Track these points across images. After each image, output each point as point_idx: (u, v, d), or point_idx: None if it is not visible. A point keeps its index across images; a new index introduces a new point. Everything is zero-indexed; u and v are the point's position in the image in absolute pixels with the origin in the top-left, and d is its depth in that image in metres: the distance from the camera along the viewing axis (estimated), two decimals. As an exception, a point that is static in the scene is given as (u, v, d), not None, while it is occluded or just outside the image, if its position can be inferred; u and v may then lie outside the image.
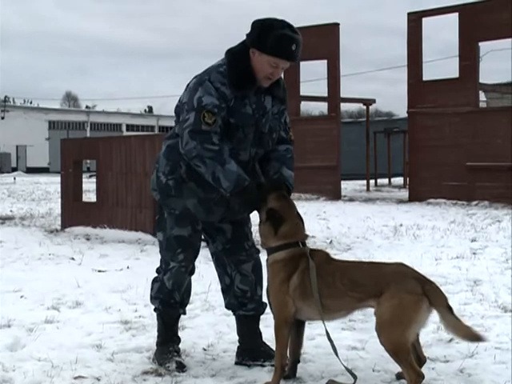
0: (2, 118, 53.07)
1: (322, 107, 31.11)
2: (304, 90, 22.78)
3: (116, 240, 9.71)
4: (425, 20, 19.39)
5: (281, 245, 3.67)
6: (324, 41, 20.58)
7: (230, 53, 3.89)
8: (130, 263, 7.76)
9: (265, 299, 3.98)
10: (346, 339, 4.50)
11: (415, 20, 19.34)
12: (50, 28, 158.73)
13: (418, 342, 3.59)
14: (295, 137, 4.26)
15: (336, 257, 3.61)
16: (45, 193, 22.18)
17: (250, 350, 4.10)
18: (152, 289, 4.16)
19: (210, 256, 4.24)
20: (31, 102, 62.75)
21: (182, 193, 3.93)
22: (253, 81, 3.83)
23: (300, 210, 3.87)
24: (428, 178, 18.65)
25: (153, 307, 4.21)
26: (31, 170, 49.22)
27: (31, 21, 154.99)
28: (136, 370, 3.95)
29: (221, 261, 4.17)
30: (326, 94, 21.65)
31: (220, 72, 3.83)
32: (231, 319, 4.92)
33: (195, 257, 4.10)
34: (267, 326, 4.20)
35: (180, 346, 4.21)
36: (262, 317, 4.20)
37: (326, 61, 21.01)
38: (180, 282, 4.07)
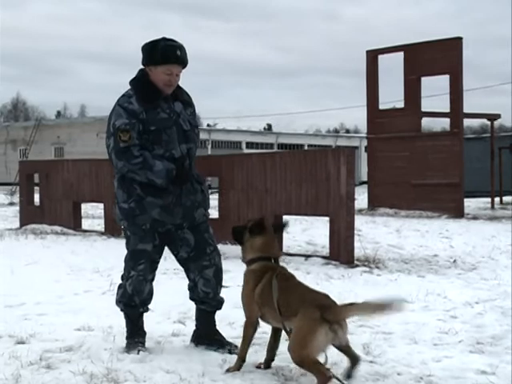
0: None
1: (444, 123, 30.39)
2: (425, 106, 22.37)
3: (238, 256, 9.83)
4: (554, 31, 18.62)
5: (255, 257, 4.29)
6: (446, 55, 20.17)
7: (132, 80, 4.71)
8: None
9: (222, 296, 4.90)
10: (474, 363, 4.34)
11: (544, 31, 18.59)
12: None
13: (347, 346, 3.93)
14: (416, 153, 4.35)
15: (461, 276, 3.54)
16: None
17: (206, 337, 4.80)
18: (117, 293, 4.84)
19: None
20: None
21: (145, 208, 4.62)
22: (157, 92, 4.61)
23: (421, 228, 3.85)
24: (558, 196, 17.78)
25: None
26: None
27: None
28: (260, 385, 4.01)
29: (185, 267, 4.85)
30: (448, 110, 21.18)
31: (125, 95, 4.64)
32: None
33: (154, 269, 4.81)
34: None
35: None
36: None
37: (448, 75, 20.57)
38: (139, 289, 4.73)
